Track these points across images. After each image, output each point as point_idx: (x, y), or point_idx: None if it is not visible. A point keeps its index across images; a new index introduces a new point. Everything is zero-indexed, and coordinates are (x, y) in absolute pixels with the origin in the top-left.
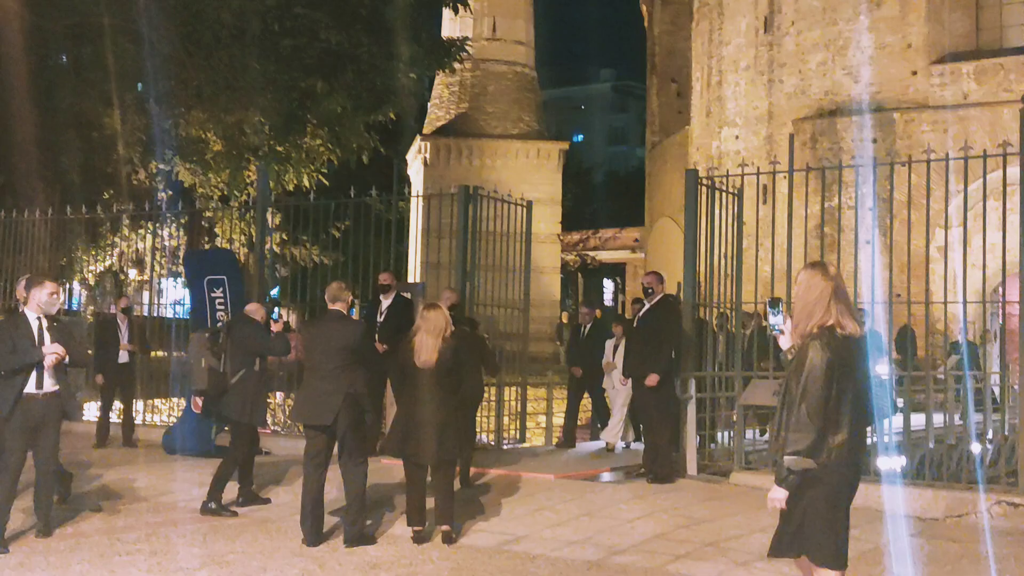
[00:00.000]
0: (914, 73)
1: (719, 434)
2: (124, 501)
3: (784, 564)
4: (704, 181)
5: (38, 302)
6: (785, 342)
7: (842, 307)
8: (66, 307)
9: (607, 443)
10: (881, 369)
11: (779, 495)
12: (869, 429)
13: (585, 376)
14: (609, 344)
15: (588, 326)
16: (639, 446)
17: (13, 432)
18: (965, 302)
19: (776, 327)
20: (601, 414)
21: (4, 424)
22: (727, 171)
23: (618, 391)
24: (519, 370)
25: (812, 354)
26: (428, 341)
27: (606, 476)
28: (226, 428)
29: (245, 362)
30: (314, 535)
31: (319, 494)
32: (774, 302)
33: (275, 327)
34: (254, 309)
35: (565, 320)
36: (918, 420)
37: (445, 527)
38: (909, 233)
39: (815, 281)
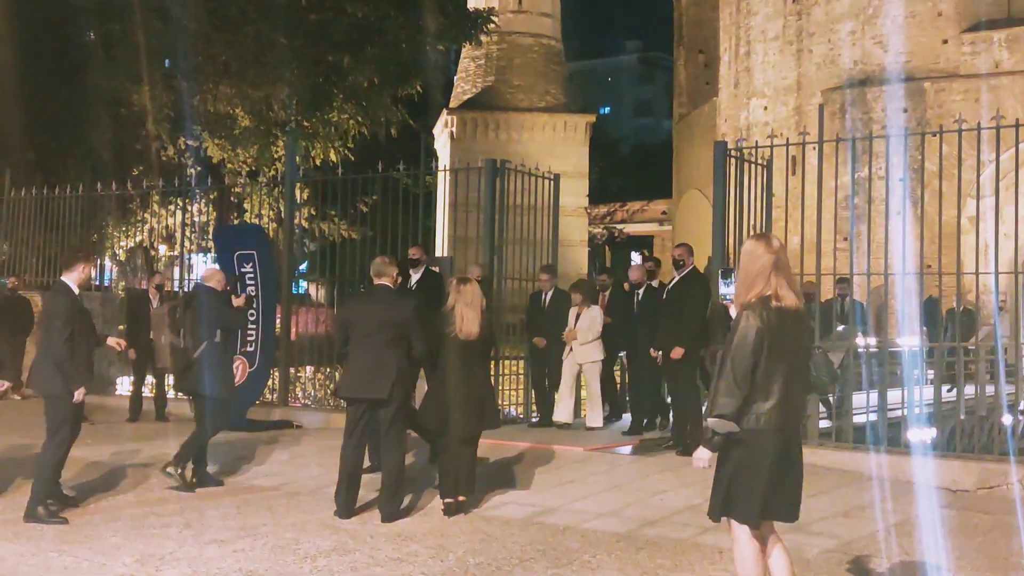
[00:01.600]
0: (945, 42)
1: None
2: (157, 474)
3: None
4: (732, 153)
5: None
6: (733, 311)
7: (781, 279)
8: (97, 283)
9: (557, 422)
10: (860, 340)
11: (703, 455)
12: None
13: (550, 348)
14: (572, 312)
15: (549, 294)
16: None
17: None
18: (997, 273)
19: (727, 297)
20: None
21: (67, 399)
22: (756, 142)
23: (568, 365)
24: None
25: (743, 324)
26: (469, 313)
27: (624, 450)
28: (257, 401)
29: (206, 334)
30: (348, 508)
31: (357, 468)
32: (727, 272)
33: (237, 302)
34: (210, 275)
35: None
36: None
37: (463, 497)
38: (940, 204)
39: (758, 252)
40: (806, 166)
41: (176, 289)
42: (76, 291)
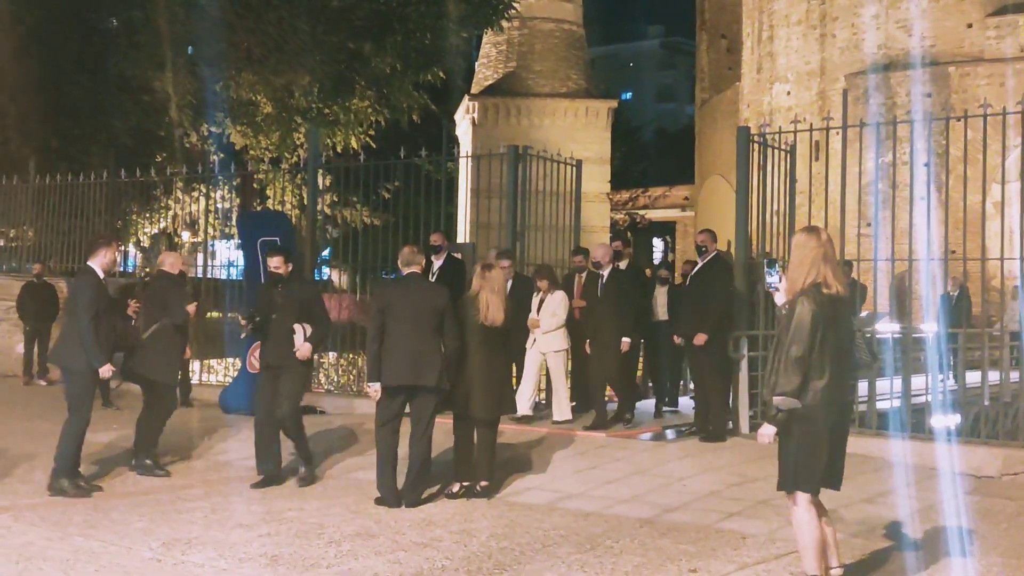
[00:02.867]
0: (969, 26)
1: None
2: (182, 460)
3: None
4: (756, 138)
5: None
6: (780, 299)
7: (829, 269)
8: (121, 268)
9: (521, 414)
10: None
11: (768, 431)
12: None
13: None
14: (535, 299)
15: (509, 281)
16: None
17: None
18: (1022, 258)
19: (772, 285)
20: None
21: (88, 375)
22: (779, 128)
23: (531, 354)
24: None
25: (800, 308)
26: (495, 300)
27: (646, 436)
28: None
29: (158, 317)
30: (397, 494)
31: (395, 456)
32: (771, 262)
33: (188, 308)
34: (164, 258)
35: None
36: (973, 378)
37: (485, 483)
38: (965, 189)
39: (810, 244)
40: (830, 151)
41: (199, 275)
42: (101, 275)
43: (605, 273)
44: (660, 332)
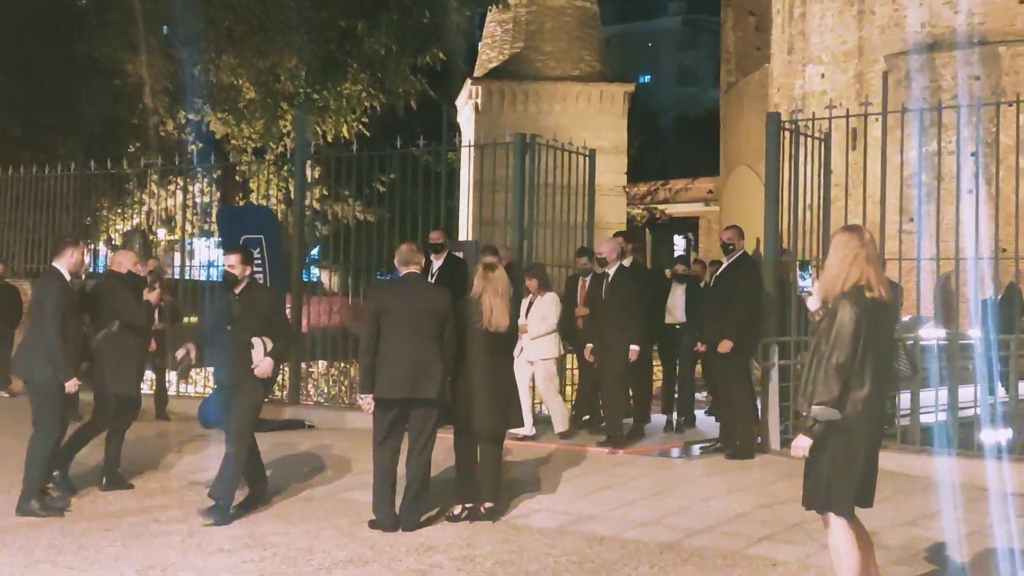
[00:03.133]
0: (1022, 1)
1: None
2: (158, 479)
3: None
4: (787, 125)
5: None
6: (813, 304)
7: (872, 271)
8: (91, 269)
9: (523, 435)
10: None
11: (804, 443)
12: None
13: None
14: (524, 302)
15: None
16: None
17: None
18: None
19: (804, 289)
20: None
21: (54, 389)
22: (812, 114)
23: (519, 364)
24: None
25: (842, 312)
26: (498, 303)
27: (666, 453)
28: (267, 400)
29: (107, 322)
30: (396, 519)
31: (395, 477)
32: (804, 264)
33: (148, 296)
34: (115, 258)
35: None
36: None
37: (489, 504)
38: (1017, 181)
39: (852, 244)
40: (868, 140)
41: (176, 277)
42: (67, 277)
43: (611, 271)
44: (676, 337)
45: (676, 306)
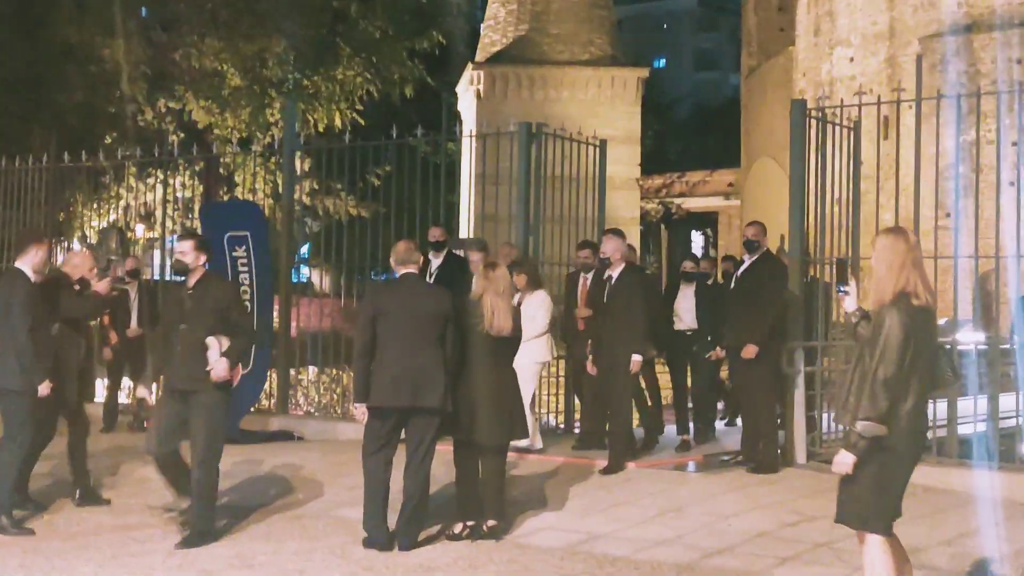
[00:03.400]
0: None
1: (832, 416)
2: (137, 494)
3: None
4: (813, 113)
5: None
6: (851, 304)
7: (919, 276)
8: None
9: (533, 446)
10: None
11: (847, 459)
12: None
13: None
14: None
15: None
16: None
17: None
18: None
19: (841, 289)
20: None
21: (27, 395)
22: (841, 100)
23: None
24: None
25: (890, 322)
26: (500, 305)
27: (683, 467)
28: (251, 409)
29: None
30: (389, 537)
31: (387, 490)
32: (842, 263)
33: (97, 287)
34: (75, 264)
35: None
36: None
37: (493, 522)
38: None
39: (898, 248)
40: (901, 128)
41: (156, 278)
42: (32, 277)
43: (615, 273)
44: (686, 343)
45: (684, 309)
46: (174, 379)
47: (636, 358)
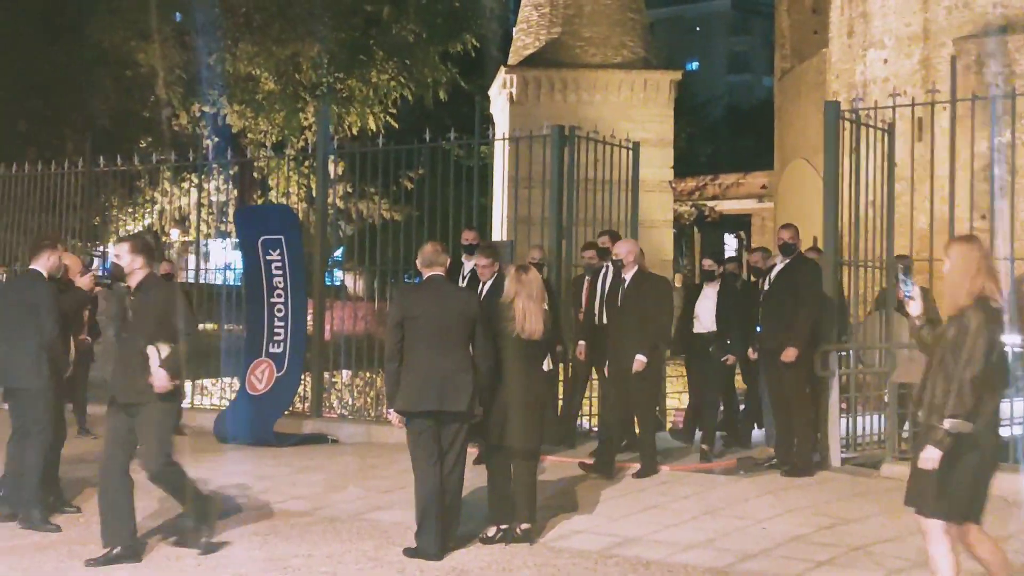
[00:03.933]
0: None
1: (867, 418)
2: (166, 497)
3: None
4: (847, 115)
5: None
6: (915, 309)
7: (993, 281)
8: (100, 272)
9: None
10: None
11: (934, 455)
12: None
13: None
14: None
15: (488, 283)
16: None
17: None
18: None
19: (907, 293)
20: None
21: (48, 395)
22: (875, 102)
23: None
24: None
25: (974, 323)
26: (532, 308)
27: (717, 470)
28: (287, 412)
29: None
30: (442, 545)
31: (441, 494)
32: (907, 267)
33: (80, 282)
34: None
35: (679, 284)
36: None
37: (527, 524)
38: None
39: (973, 254)
40: (936, 130)
41: (191, 281)
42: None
43: (628, 276)
44: (701, 347)
45: (704, 310)
46: (116, 392)
47: (640, 358)
